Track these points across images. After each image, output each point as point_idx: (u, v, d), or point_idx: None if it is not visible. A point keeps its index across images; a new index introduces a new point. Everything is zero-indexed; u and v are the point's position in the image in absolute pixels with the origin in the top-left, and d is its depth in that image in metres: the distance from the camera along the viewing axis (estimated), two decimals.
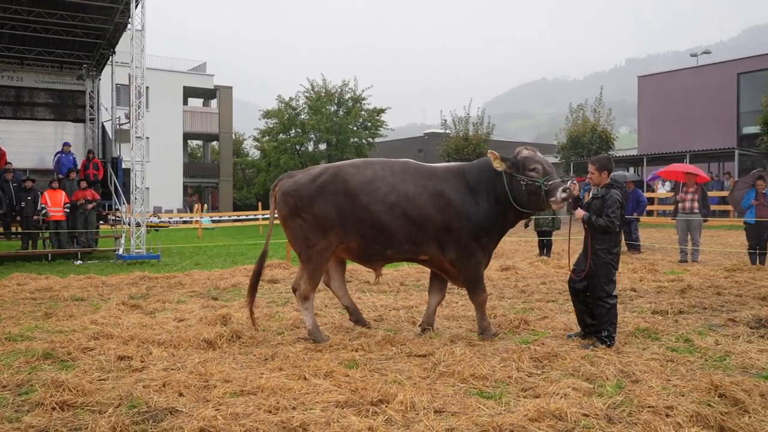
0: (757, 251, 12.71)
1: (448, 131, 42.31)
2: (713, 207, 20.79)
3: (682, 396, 4.73)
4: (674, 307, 8.13)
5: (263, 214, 30.78)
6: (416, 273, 12.17)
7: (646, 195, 21.53)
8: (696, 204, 14.18)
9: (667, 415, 4.35)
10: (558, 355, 5.86)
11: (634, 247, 16.07)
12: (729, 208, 22.56)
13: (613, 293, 6.44)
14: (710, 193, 19.03)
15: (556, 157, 38.64)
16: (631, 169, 35.47)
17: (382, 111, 38.49)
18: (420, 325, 7.20)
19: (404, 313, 8.28)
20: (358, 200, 6.58)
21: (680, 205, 14.42)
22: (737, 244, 16.61)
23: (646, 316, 7.83)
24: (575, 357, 5.83)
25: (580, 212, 6.52)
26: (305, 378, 5.36)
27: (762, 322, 7.29)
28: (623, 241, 16.51)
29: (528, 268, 12.49)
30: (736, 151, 30.63)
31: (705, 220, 14.60)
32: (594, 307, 6.47)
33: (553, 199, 6.43)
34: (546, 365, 5.66)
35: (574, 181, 6.55)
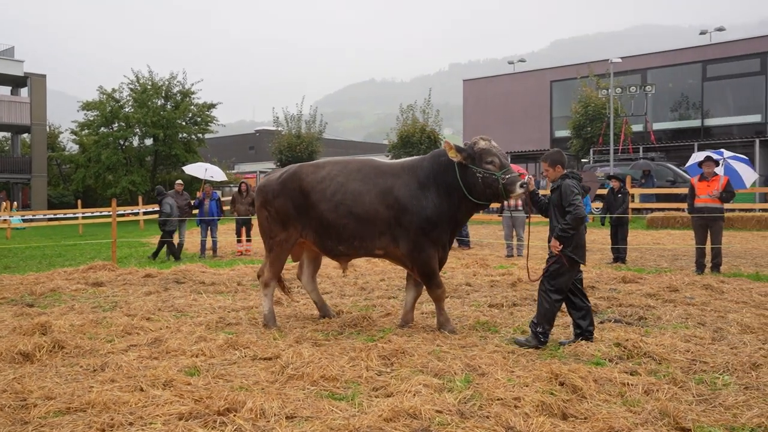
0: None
1: (280, 129, 41.89)
2: None
3: (527, 386, 4.87)
4: (508, 300, 8.47)
5: (84, 213, 28.62)
6: (253, 272, 11.81)
7: None
8: (520, 202, 14.99)
9: (516, 406, 4.45)
10: (405, 351, 5.85)
11: (464, 242, 16.76)
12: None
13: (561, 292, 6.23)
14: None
15: (388, 156, 39.50)
16: None
17: (212, 106, 37.29)
18: (399, 325, 7.11)
19: (245, 315, 7.94)
20: (309, 198, 6.97)
21: (506, 203, 15.19)
22: None
23: (484, 309, 8.10)
24: (422, 353, 5.85)
25: (555, 244, 6.13)
26: (142, 389, 4.92)
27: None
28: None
29: (366, 264, 12.54)
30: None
31: (528, 217, 15.47)
32: (539, 299, 6.25)
33: (513, 193, 6.41)
34: (395, 363, 5.62)
35: (530, 175, 6.49)
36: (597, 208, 21.04)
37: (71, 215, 30.40)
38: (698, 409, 4.47)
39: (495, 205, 10.30)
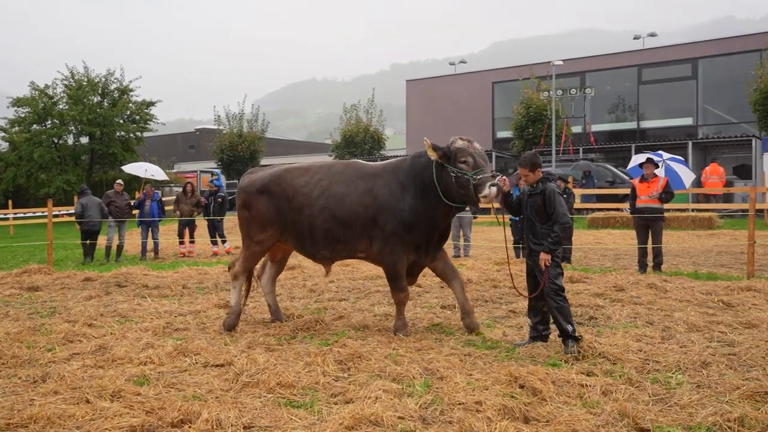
0: (521, 246, 13.83)
1: (221, 127, 41.24)
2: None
3: (487, 390, 4.85)
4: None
5: (15, 213, 27.49)
6: (198, 275, 11.53)
7: None
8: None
9: (478, 411, 4.41)
10: (362, 356, 5.76)
11: None
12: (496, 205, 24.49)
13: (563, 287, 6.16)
14: None
15: (331, 156, 39.35)
16: None
17: (151, 104, 36.31)
18: (461, 319, 6.98)
19: (193, 319, 7.70)
20: (293, 202, 6.92)
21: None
22: (501, 239, 17.97)
23: (437, 311, 8.07)
24: (379, 357, 5.77)
25: (544, 257, 6.00)
26: (88, 401, 4.69)
27: None
28: None
29: (313, 266, 12.36)
30: (493, 153, 33.38)
31: (475, 217, 15.60)
32: (550, 302, 6.04)
33: (480, 194, 6.14)
34: (351, 367, 5.53)
35: (503, 177, 6.27)
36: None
37: (1, 216, 29.17)
38: (655, 409, 4.52)
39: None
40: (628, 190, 12.73)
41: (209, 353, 5.96)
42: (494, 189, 6.10)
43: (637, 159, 13.11)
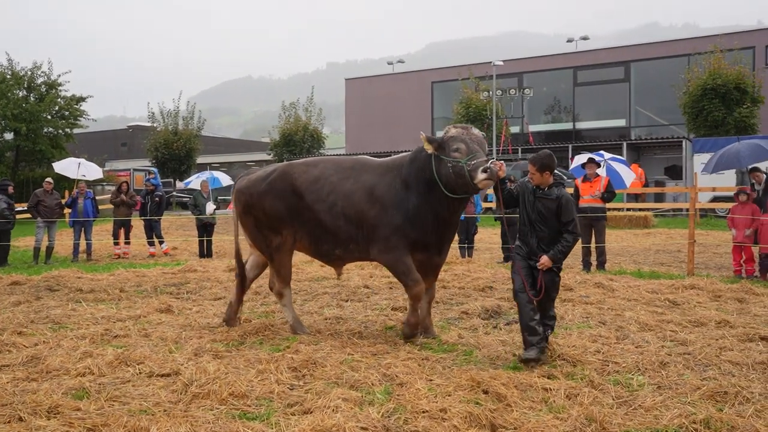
0: (467, 245, 13.80)
1: (155, 125, 40.12)
2: None
3: (450, 396, 4.68)
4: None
5: None
6: (135, 278, 11.04)
7: None
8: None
9: (443, 419, 4.24)
10: (317, 362, 5.52)
11: None
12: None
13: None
14: None
15: (269, 154, 38.81)
16: None
17: (81, 99, 34.93)
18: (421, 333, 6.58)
19: (133, 325, 7.28)
20: (304, 199, 6.56)
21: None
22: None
23: (388, 312, 7.90)
24: (335, 363, 5.54)
25: (546, 261, 5.67)
26: (21, 419, 4.30)
27: (490, 313, 7.76)
28: None
29: None
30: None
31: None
32: (548, 309, 5.85)
33: (475, 180, 5.72)
34: (306, 375, 5.28)
35: (501, 162, 5.85)
36: (490, 208, 21.43)
37: None
38: (621, 413, 4.45)
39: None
40: (571, 190, 12.82)
41: (154, 362, 5.60)
42: (486, 173, 5.68)
43: (579, 159, 13.27)
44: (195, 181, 16.76)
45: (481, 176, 5.68)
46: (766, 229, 10.57)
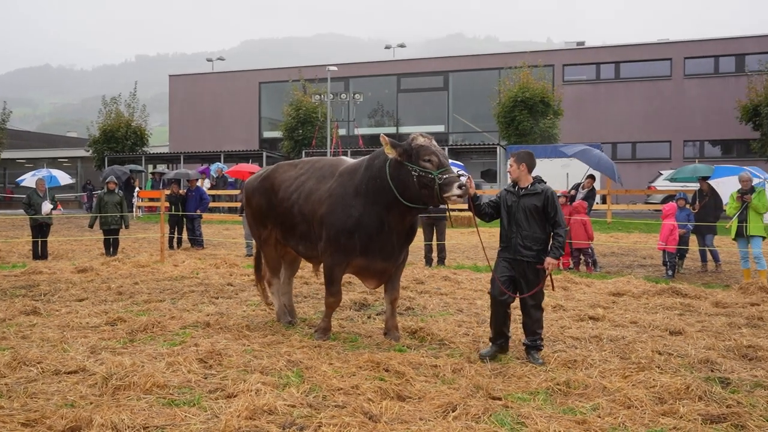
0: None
1: None
2: None
3: (355, 375, 5.30)
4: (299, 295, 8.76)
5: None
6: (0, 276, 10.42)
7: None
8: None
9: (358, 393, 4.85)
10: (220, 353, 5.86)
11: (198, 242, 16.58)
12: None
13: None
14: None
15: (88, 151, 36.84)
16: (162, 167, 35.90)
17: None
18: (384, 333, 6.78)
19: (6, 328, 7.09)
20: (276, 196, 7.11)
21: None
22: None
23: (264, 308, 8.28)
24: (237, 352, 5.93)
25: (550, 262, 5.92)
26: None
27: (359, 305, 8.44)
28: (186, 237, 16.90)
29: (107, 268, 11.80)
30: (264, 153, 33.70)
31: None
32: (534, 313, 6.04)
33: (447, 194, 5.77)
34: (214, 365, 5.62)
35: (469, 176, 5.99)
36: None
37: None
38: (499, 381, 5.32)
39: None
40: None
41: (53, 361, 5.61)
42: (461, 190, 5.76)
43: None
44: (30, 179, 15.83)
45: (456, 191, 5.75)
46: (578, 227, 12.26)
